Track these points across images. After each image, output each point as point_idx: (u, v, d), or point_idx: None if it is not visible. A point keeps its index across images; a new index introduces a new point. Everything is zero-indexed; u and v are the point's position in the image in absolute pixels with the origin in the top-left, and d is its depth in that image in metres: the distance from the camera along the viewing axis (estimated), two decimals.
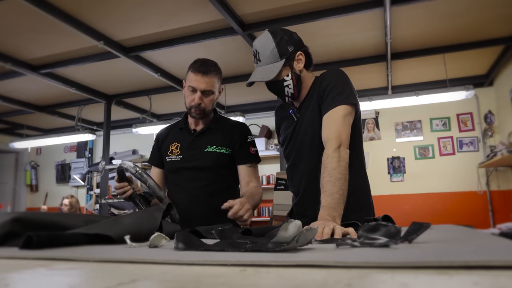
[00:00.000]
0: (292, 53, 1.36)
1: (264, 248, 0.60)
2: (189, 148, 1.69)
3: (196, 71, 1.61)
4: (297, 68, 1.39)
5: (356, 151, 1.36)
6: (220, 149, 1.67)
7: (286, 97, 1.42)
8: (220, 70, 1.69)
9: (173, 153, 1.71)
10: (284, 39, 1.36)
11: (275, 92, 1.43)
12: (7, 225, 0.78)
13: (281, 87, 1.39)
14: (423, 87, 4.53)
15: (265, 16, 3.13)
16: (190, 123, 1.75)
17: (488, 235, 0.82)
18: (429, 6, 2.98)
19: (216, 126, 1.72)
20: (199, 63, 1.63)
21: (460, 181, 4.74)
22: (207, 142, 1.68)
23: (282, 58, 1.35)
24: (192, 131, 1.72)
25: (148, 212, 1.00)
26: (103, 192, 5.04)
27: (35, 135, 6.11)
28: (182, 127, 1.75)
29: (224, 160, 1.67)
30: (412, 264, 0.42)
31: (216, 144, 1.68)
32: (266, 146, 5.36)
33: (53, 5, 2.81)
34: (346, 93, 1.31)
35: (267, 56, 1.35)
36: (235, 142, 1.69)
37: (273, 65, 1.35)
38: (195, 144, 1.69)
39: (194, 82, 1.61)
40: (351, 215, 1.15)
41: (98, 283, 0.41)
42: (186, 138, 1.72)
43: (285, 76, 1.37)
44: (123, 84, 4.66)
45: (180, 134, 1.75)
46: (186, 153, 1.69)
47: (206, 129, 1.71)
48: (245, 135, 1.72)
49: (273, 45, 1.35)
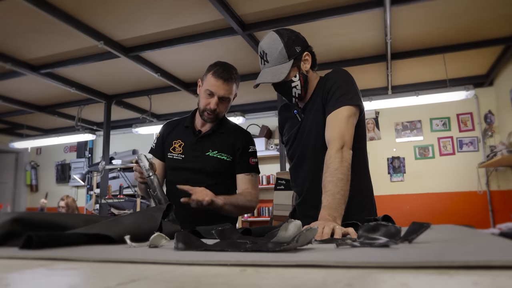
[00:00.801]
0: (299, 53, 1.36)
1: (264, 248, 0.60)
2: (192, 148, 1.68)
3: (218, 76, 1.57)
4: (304, 68, 1.39)
5: (360, 152, 1.37)
6: (222, 155, 1.66)
7: (293, 98, 1.42)
8: (239, 77, 1.66)
9: (176, 151, 1.70)
10: (292, 39, 1.36)
11: (282, 93, 1.42)
12: (7, 225, 0.78)
13: (289, 88, 1.38)
14: (423, 87, 4.53)
15: (265, 16, 3.13)
16: (197, 123, 1.74)
17: (488, 235, 0.82)
18: (429, 6, 2.98)
19: (221, 130, 1.70)
20: (221, 68, 1.59)
21: (460, 181, 4.74)
22: (209, 146, 1.67)
23: (290, 59, 1.34)
24: (197, 132, 1.71)
25: (148, 212, 1.00)
26: (103, 192, 5.05)
27: (35, 135, 6.11)
28: (188, 126, 1.73)
29: (224, 166, 1.66)
30: (412, 264, 0.42)
31: (218, 149, 1.66)
32: (266, 146, 5.36)
33: (53, 5, 2.81)
34: (351, 94, 1.31)
35: (275, 57, 1.34)
36: (237, 149, 1.68)
37: (281, 66, 1.34)
38: (197, 145, 1.68)
39: (214, 87, 1.58)
40: (354, 216, 1.15)
41: (98, 283, 0.41)
42: (190, 138, 1.70)
43: (293, 77, 1.37)
44: (123, 84, 4.66)
45: (185, 132, 1.73)
46: (188, 153, 1.68)
47: (211, 132, 1.69)
48: (248, 145, 1.70)
49: (281, 46, 1.34)
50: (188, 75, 4.39)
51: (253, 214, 5.41)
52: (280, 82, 1.37)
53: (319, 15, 3.03)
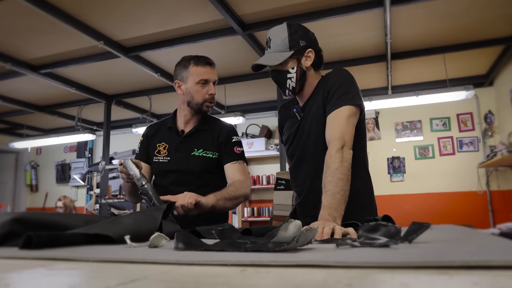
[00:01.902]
0: (302, 47, 1.37)
1: (264, 248, 0.60)
2: (176, 150, 1.65)
3: (204, 64, 1.63)
4: (304, 64, 1.39)
5: (360, 151, 1.37)
6: (207, 153, 1.63)
7: (287, 90, 1.42)
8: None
9: (161, 154, 1.67)
10: (299, 33, 1.38)
11: (277, 82, 1.43)
12: (7, 225, 0.78)
13: (284, 78, 1.40)
14: (423, 87, 4.53)
15: (265, 16, 3.13)
16: (179, 123, 1.71)
17: (488, 235, 0.82)
18: (429, 6, 2.98)
19: (204, 128, 1.68)
20: (200, 57, 1.65)
21: (460, 181, 4.74)
22: (194, 145, 1.64)
23: (291, 50, 1.36)
24: (180, 132, 1.68)
25: (148, 212, 1.00)
26: (103, 192, 5.05)
27: (35, 135, 6.11)
28: (171, 127, 1.71)
29: (211, 164, 1.63)
30: (412, 264, 0.42)
31: (203, 147, 1.64)
32: (266, 146, 5.36)
33: (53, 5, 2.81)
34: (351, 93, 1.32)
35: (277, 44, 1.37)
36: (220, 143, 1.65)
37: (280, 53, 1.37)
38: (182, 146, 1.65)
39: (206, 74, 1.62)
40: (354, 216, 1.15)
41: (98, 283, 0.41)
42: (174, 139, 1.67)
43: (290, 68, 1.38)
44: (123, 84, 4.66)
45: (168, 134, 1.70)
46: (173, 155, 1.64)
47: (194, 131, 1.67)
48: (230, 136, 1.67)
49: (285, 35, 1.37)
50: None
51: (253, 214, 5.41)
52: (277, 70, 1.39)
53: (319, 15, 3.03)
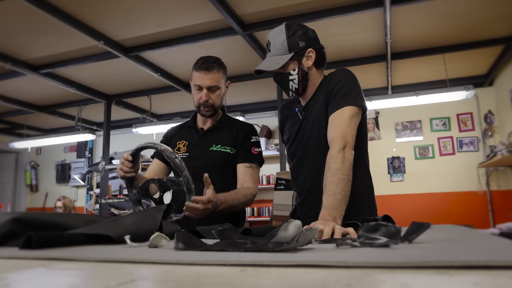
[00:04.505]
0: (302, 48, 1.37)
1: (264, 248, 0.60)
2: (196, 146, 1.70)
3: (199, 68, 1.63)
4: (305, 64, 1.39)
5: (361, 152, 1.36)
6: (225, 148, 1.67)
7: (290, 91, 1.43)
8: (223, 64, 1.71)
9: (180, 151, 1.72)
10: (297, 34, 1.38)
11: (280, 84, 1.44)
12: (7, 225, 0.78)
13: (286, 80, 1.40)
14: (423, 87, 4.53)
15: (265, 16, 3.13)
16: (198, 122, 1.78)
17: (488, 235, 0.82)
18: (429, 6, 2.98)
19: (223, 126, 1.73)
20: (201, 60, 1.66)
21: (460, 181, 4.74)
22: (212, 141, 1.69)
23: (290, 52, 1.36)
24: (200, 130, 1.74)
25: (148, 212, 1.00)
26: (103, 192, 5.05)
27: (35, 135, 6.11)
28: (190, 125, 1.78)
29: (228, 159, 1.67)
30: (412, 264, 0.42)
31: (221, 143, 1.68)
32: (266, 146, 5.36)
33: (53, 5, 2.81)
34: (354, 94, 1.32)
35: (276, 47, 1.38)
36: (239, 141, 1.69)
37: (280, 57, 1.37)
38: (201, 142, 1.71)
39: (199, 80, 1.63)
40: (354, 216, 1.15)
41: (98, 283, 0.41)
42: (194, 137, 1.74)
43: (292, 70, 1.38)
44: (123, 84, 4.66)
45: (188, 132, 1.77)
46: (192, 151, 1.70)
47: (213, 128, 1.72)
48: (250, 135, 1.71)
49: (284, 38, 1.36)
50: (188, 75, 4.38)
51: (253, 214, 5.42)
52: (279, 73, 1.39)
53: (319, 15, 3.03)
